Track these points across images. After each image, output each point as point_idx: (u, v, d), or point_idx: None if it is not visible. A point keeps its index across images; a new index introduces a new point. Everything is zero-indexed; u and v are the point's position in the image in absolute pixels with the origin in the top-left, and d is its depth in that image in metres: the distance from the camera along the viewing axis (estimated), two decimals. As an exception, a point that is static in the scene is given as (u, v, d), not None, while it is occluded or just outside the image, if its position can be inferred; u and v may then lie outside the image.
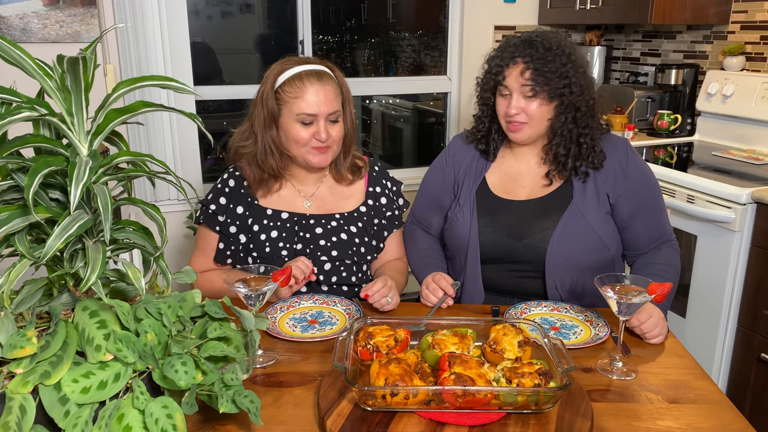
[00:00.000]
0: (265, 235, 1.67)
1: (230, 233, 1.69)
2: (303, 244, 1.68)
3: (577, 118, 1.62)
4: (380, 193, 1.80)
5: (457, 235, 1.71)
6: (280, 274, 1.34)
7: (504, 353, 1.19)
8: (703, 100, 3.02)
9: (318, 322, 1.50)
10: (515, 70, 1.59)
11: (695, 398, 1.21)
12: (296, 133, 1.62)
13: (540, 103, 1.59)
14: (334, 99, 1.63)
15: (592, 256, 1.62)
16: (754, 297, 2.23)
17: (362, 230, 1.74)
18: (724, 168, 2.57)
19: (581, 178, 1.64)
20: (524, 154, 1.73)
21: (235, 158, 1.74)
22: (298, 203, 1.73)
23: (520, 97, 1.60)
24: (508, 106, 1.61)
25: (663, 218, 1.69)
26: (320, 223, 1.70)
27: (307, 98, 1.60)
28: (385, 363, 1.10)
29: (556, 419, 1.09)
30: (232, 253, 1.70)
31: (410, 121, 4.11)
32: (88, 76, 0.90)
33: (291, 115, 1.62)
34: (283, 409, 1.15)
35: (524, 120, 1.61)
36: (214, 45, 3.27)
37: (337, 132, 1.65)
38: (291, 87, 1.60)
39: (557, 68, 1.57)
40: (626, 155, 1.66)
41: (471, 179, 1.75)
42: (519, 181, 1.72)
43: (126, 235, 1.00)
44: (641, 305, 1.29)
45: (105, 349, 0.90)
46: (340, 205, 1.75)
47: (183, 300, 1.04)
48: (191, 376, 0.92)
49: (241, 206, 1.70)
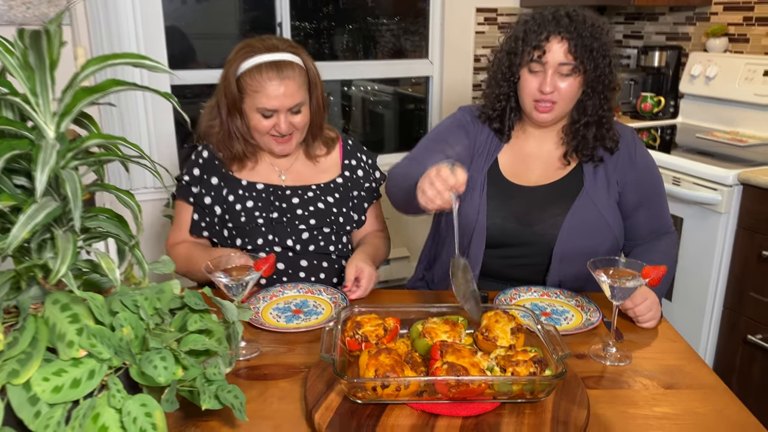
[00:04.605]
0: (241, 205, 1.65)
1: (205, 204, 1.66)
2: (279, 213, 1.66)
3: (608, 98, 1.55)
4: (356, 165, 1.79)
5: (463, 218, 1.58)
6: (262, 263, 1.30)
7: (497, 341, 1.15)
8: (686, 82, 3.01)
9: (303, 311, 1.46)
10: (557, 46, 1.49)
11: (690, 383, 1.20)
12: (257, 122, 1.61)
13: (573, 81, 1.51)
14: (296, 91, 1.59)
15: (602, 246, 1.57)
16: (741, 279, 2.23)
17: (340, 201, 1.72)
18: (709, 150, 2.56)
19: (596, 163, 1.59)
20: (539, 136, 1.65)
21: (205, 138, 1.72)
22: (273, 176, 1.71)
23: (555, 74, 1.50)
24: (542, 84, 1.51)
25: (665, 209, 1.65)
26: (297, 194, 1.69)
27: (266, 93, 1.57)
28: (374, 353, 1.06)
29: (552, 408, 1.06)
30: (208, 225, 1.67)
31: (391, 107, 4.05)
32: (53, 52, 0.83)
33: (252, 106, 1.60)
34: (268, 403, 1.11)
35: (555, 99, 1.53)
36: (189, 29, 3.18)
37: (300, 120, 1.63)
38: (251, 79, 1.57)
39: (601, 45, 1.49)
40: (634, 142, 1.62)
41: (483, 159, 1.65)
42: (530, 164, 1.64)
43: (99, 224, 0.94)
44: (635, 289, 1.26)
45: (78, 345, 0.85)
46: (317, 177, 1.74)
47: (161, 291, 0.98)
48: (171, 371, 0.87)
49: (215, 177, 1.67)
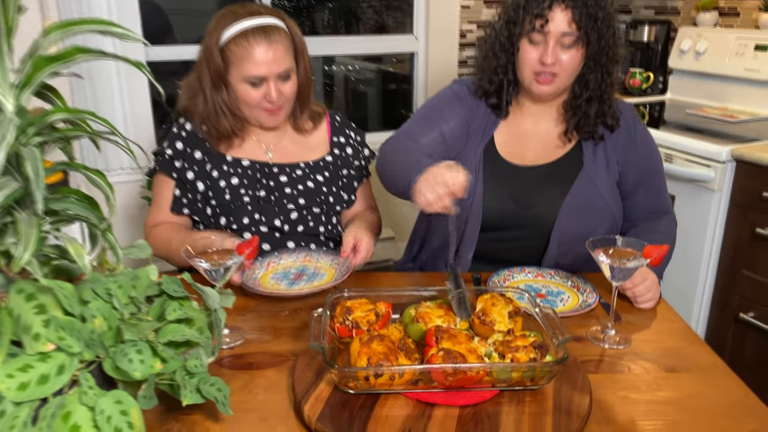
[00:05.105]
0: (225, 181, 1.57)
1: (187, 179, 1.57)
2: (267, 191, 1.59)
3: (610, 72, 1.48)
4: (345, 143, 1.72)
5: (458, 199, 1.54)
6: (245, 246, 1.23)
7: (494, 325, 1.09)
8: (675, 57, 2.96)
9: (304, 275, 1.39)
10: (560, 14, 1.41)
11: (692, 366, 1.16)
12: (245, 93, 1.52)
13: (575, 53, 1.44)
14: (284, 56, 1.51)
15: (601, 227, 1.50)
16: (733, 257, 2.21)
17: (329, 180, 1.66)
18: (699, 126, 2.52)
19: (596, 141, 1.53)
20: (537, 113, 1.57)
21: (187, 116, 1.63)
22: (259, 153, 1.64)
23: (557, 45, 1.43)
24: (543, 55, 1.43)
25: (664, 189, 1.60)
26: (284, 172, 1.62)
27: (254, 59, 1.48)
28: (366, 341, 1.00)
29: (553, 395, 1.01)
30: (190, 202, 1.59)
31: (374, 85, 3.97)
32: (9, 16, 0.75)
33: (239, 76, 1.51)
34: (254, 394, 1.05)
35: (557, 71, 1.45)
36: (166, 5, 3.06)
37: (290, 89, 1.56)
38: (236, 47, 1.48)
39: (606, 15, 1.42)
40: (633, 120, 1.56)
41: (479, 136, 1.57)
42: (527, 142, 1.57)
43: (66, 206, 0.87)
44: (635, 270, 1.21)
45: (45, 338, 0.78)
46: (305, 155, 1.67)
47: (136, 278, 0.91)
48: (148, 365, 0.80)
49: (198, 151, 1.59)
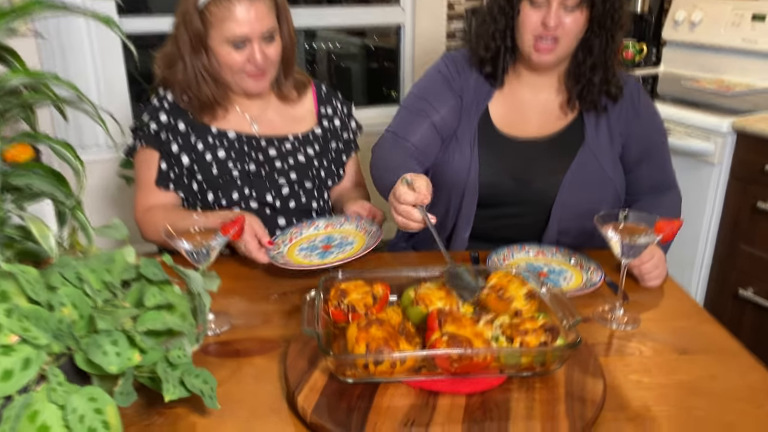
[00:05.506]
0: (211, 154, 1.49)
1: (172, 152, 1.48)
2: (257, 165, 1.51)
3: (615, 38, 1.40)
4: (332, 114, 1.65)
5: (452, 175, 1.46)
6: (230, 226, 1.15)
7: (512, 301, 1.02)
8: (669, 28, 2.88)
9: (333, 246, 1.32)
10: None
11: (705, 346, 1.10)
12: (228, 57, 1.44)
13: (579, 16, 1.35)
14: (266, 15, 1.43)
15: (603, 202, 1.43)
16: (732, 231, 2.16)
17: (320, 154, 1.59)
18: (695, 99, 2.45)
19: (598, 113, 1.46)
20: (535, 83, 1.49)
21: (165, 86, 1.53)
22: (244, 125, 1.55)
23: (560, 7, 1.34)
24: (546, 17, 1.34)
25: (668, 162, 1.53)
26: (273, 145, 1.54)
27: (236, 18, 1.40)
28: (364, 326, 0.93)
29: (565, 381, 0.94)
30: (176, 177, 1.50)
31: (359, 60, 3.87)
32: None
33: (220, 38, 1.42)
34: (242, 383, 0.98)
35: (559, 35, 1.36)
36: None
37: (274, 51, 1.47)
38: (216, 7, 1.40)
39: None
40: (638, 91, 1.49)
41: (472, 109, 1.49)
42: (525, 114, 1.49)
43: (30, 181, 0.78)
44: (646, 246, 1.15)
45: (7, 329, 0.70)
46: (292, 127, 1.59)
47: (111, 261, 0.83)
48: (125, 357, 0.73)
49: (182, 122, 1.50)
